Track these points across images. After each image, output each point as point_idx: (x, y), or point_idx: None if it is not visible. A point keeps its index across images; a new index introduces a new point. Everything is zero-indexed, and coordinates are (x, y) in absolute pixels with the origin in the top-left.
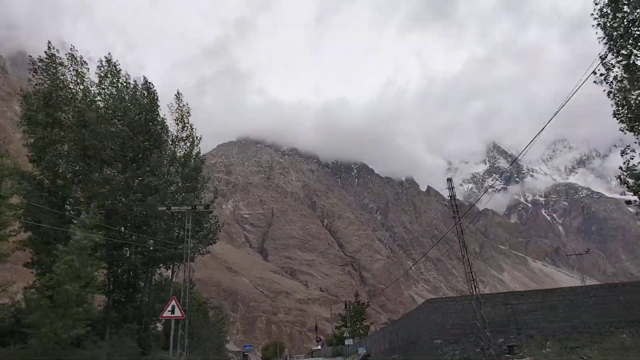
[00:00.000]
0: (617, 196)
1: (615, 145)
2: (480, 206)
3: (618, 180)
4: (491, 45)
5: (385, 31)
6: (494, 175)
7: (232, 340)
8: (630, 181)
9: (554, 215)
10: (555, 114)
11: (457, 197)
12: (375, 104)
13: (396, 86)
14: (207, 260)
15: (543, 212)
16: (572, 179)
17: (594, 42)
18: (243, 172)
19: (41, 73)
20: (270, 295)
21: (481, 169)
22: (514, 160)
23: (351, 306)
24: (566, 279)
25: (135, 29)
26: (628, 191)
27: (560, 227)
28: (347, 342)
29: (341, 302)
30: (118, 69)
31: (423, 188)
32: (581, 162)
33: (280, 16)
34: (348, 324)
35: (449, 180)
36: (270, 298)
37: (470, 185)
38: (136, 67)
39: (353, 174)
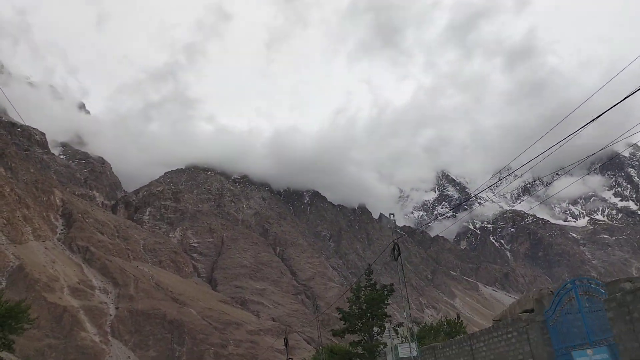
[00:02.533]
0: (561, 222)
1: (557, 173)
2: (432, 233)
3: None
4: (438, 75)
5: (335, 59)
6: (444, 203)
7: None
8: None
9: (502, 241)
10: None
11: (409, 224)
12: (326, 132)
13: (347, 114)
14: (152, 291)
15: (491, 238)
16: (518, 206)
17: (534, 71)
18: (192, 200)
19: None
20: (219, 327)
21: (431, 196)
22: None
23: (363, 288)
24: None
25: (77, 51)
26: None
27: (508, 253)
28: (402, 352)
29: (294, 331)
30: None
31: (375, 215)
32: (526, 190)
33: (231, 42)
34: (362, 321)
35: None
36: (219, 330)
37: (421, 213)
38: (79, 91)
39: (305, 201)
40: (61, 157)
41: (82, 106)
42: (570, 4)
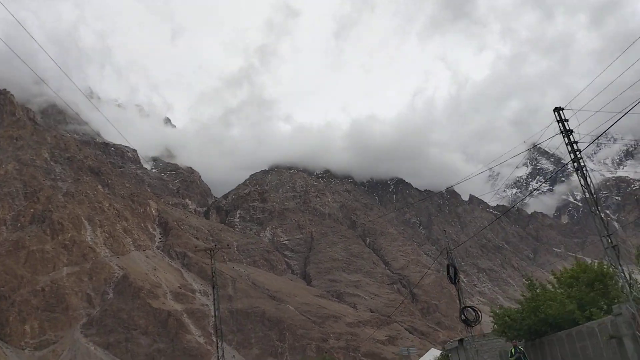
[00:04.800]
0: None
1: None
2: (528, 210)
3: None
4: (518, 42)
5: (407, 39)
6: (538, 177)
7: None
8: None
9: (607, 211)
10: None
11: (502, 203)
12: (404, 117)
13: (425, 95)
14: (249, 290)
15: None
16: (622, 172)
17: (625, 23)
18: (278, 199)
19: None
20: (318, 321)
21: (523, 172)
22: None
23: None
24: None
25: (157, 67)
26: None
27: (615, 224)
28: None
29: (394, 322)
30: None
31: (465, 197)
32: (629, 154)
33: (301, 38)
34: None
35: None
36: (318, 324)
37: (515, 190)
38: (163, 106)
39: (390, 189)
40: (153, 170)
41: (167, 120)
42: None
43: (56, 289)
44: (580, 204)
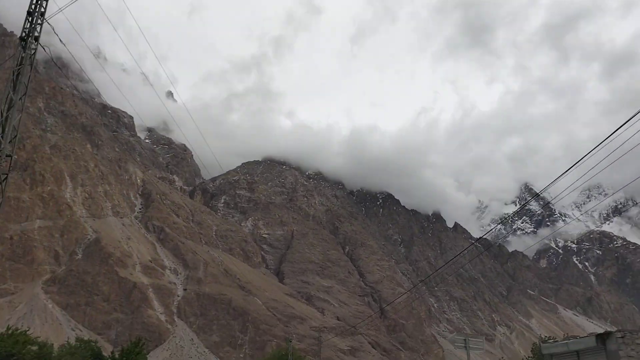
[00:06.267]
0: None
1: None
2: (510, 248)
3: None
4: (529, 80)
5: (422, 56)
6: (524, 217)
7: None
8: None
9: (586, 263)
10: None
11: (486, 237)
12: (406, 133)
13: (429, 116)
14: (220, 276)
15: (574, 259)
16: (607, 227)
17: (637, 80)
18: (266, 192)
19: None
20: (283, 319)
21: (511, 209)
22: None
23: None
24: (599, 330)
25: (168, 38)
26: None
27: (592, 277)
28: None
29: (358, 333)
30: None
31: (450, 224)
32: (616, 210)
33: (318, 36)
34: None
35: None
36: (282, 322)
37: (499, 226)
38: (168, 79)
39: (378, 203)
40: (146, 140)
41: (169, 94)
42: None
43: (25, 240)
44: (560, 250)
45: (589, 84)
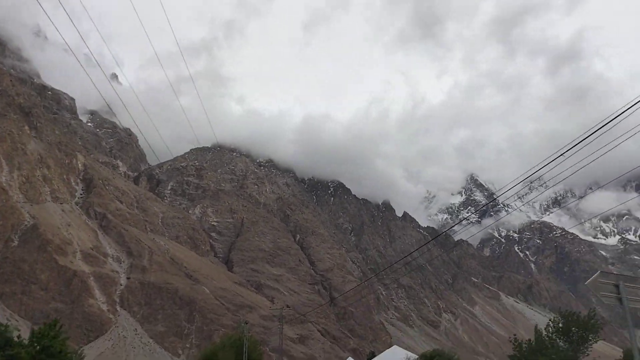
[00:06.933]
0: (591, 239)
1: (590, 188)
2: (455, 237)
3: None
4: (477, 73)
5: (374, 46)
6: (470, 207)
7: (184, 354)
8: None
9: (527, 252)
10: None
11: (432, 226)
12: (358, 122)
13: (381, 106)
14: (166, 265)
15: (516, 248)
16: (547, 218)
17: (579, 76)
18: (215, 179)
19: None
20: (232, 308)
21: (457, 200)
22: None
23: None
24: (538, 317)
25: (113, 18)
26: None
27: (532, 265)
28: None
29: (308, 322)
30: None
31: (399, 213)
32: (556, 202)
33: (270, 22)
34: None
35: None
36: (231, 311)
37: (445, 216)
38: (113, 60)
39: (329, 191)
40: (89, 124)
41: (114, 76)
42: (625, 7)
43: None
44: (503, 240)
45: (533, 78)
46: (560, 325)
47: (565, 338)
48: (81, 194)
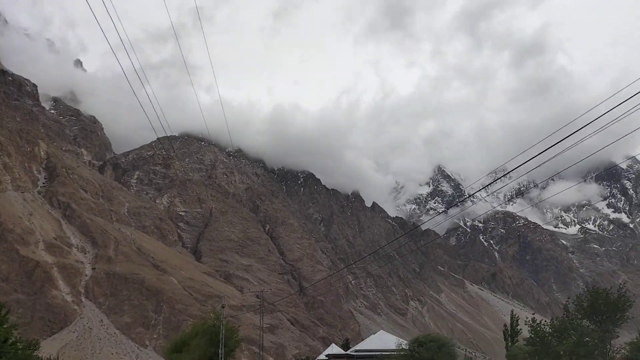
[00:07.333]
0: (552, 228)
1: (552, 179)
2: (423, 226)
3: None
4: (445, 65)
5: (344, 36)
6: (437, 197)
7: (151, 345)
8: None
9: (491, 241)
10: None
11: (400, 216)
12: (328, 112)
13: (351, 97)
14: (132, 255)
15: (481, 237)
16: (510, 208)
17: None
18: (183, 168)
19: None
20: (200, 298)
21: (425, 190)
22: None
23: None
24: (502, 304)
25: (76, 2)
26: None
27: (496, 254)
28: None
29: (278, 311)
30: None
31: (368, 203)
32: (519, 192)
33: (240, 9)
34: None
35: None
36: (200, 302)
37: (413, 206)
38: (76, 47)
39: (299, 182)
40: (52, 111)
41: (78, 62)
42: (588, 3)
43: None
44: (468, 229)
45: (499, 71)
46: (585, 304)
47: (592, 318)
48: (44, 183)
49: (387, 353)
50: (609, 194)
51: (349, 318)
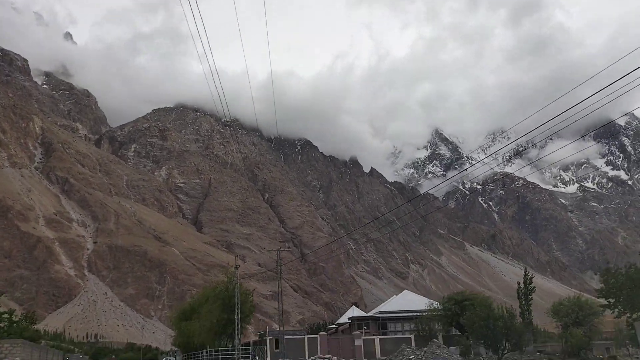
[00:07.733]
0: (551, 187)
1: (550, 138)
2: (421, 190)
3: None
4: (440, 26)
5: (338, 0)
6: (435, 161)
7: (156, 315)
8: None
9: (490, 203)
10: None
11: (399, 180)
12: (323, 78)
13: (346, 61)
14: (133, 227)
15: (480, 199)
16: (509, 169)
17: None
18: (179, 139)
19: None
20: (203, 268)
21: (423, 154)
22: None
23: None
24: (502, 264)
25: None
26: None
27: (495, 215)
28: None
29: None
30: None
31: (366, 169)
32: (518, 153)
33: None
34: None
35: None
36: (202, 272)
37: (412, 170)
38: (66, 19)
39: (297, 149)
40: (44, 86)
41: (68, 35)
42: None
43: None
44: (467, 192)
45: (495, 30)
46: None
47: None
48: (40, 159)
49: (418, 314)
50: (607, 151)
51: (350, 283)
